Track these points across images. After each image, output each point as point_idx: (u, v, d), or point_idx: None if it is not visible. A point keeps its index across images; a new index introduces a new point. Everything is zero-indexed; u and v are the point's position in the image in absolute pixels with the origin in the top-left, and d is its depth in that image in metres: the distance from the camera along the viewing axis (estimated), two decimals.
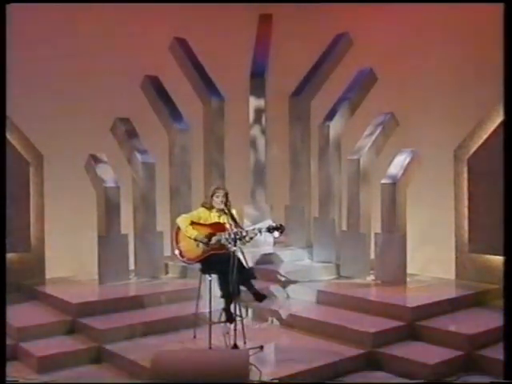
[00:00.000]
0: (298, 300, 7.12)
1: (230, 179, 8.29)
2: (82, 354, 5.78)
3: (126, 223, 7.73)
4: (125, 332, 6.08)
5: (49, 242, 7.73)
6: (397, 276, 7.21)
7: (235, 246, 5.53)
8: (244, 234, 5.62)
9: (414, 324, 6.06)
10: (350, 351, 5.67)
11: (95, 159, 7.68)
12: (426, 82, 8.23)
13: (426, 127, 8.12)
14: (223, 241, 5.71)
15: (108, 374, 5.53)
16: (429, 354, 5.54)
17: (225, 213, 5.80)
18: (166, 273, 7.99)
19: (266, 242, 8.46)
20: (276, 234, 5.74)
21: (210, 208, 5.90)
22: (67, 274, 7.85)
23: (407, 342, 5.92)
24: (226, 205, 5.82)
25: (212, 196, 5.89)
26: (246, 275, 5.71)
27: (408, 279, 7.29)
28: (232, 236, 5.59)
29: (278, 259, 8.14)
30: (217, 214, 5.89)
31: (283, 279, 7.43)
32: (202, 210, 5.93)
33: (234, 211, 5.87)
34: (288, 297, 7.26)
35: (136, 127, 7.99)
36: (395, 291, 6.91)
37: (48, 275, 7.66)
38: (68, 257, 8.09)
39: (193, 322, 6.07)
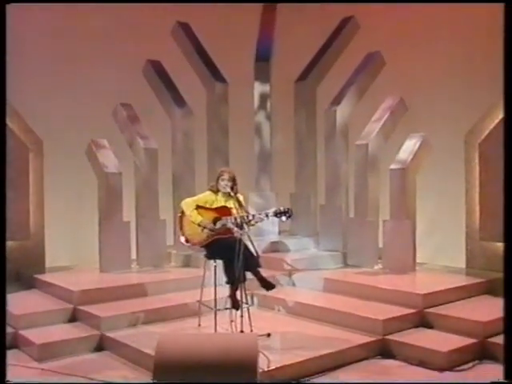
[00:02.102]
0: (305, 288, 6.96)
1: (234, 166, 7.95)
2: (84, 341, 5.64)
3: (128, 211, 7.56)
4: (127, 320, 5.93)
5: (49, 230, 7.53)
6: (406, 264, 7.04)
7: (241, 230, 5.34)
8: (250, 218, 5.42)
9: (424, 311, 5.89)
10: (360, 339, 5.50)
11: (96, 145, 7.49)
12: (436, 65, 8.06)
13: (436, 112, 7.94)
14: (229, 225, 5.51)
15: (110, 362, 5.39)
16: (441, 342, 5.37)
17: (230, 196, 5.61)
18: (169, 262, 7.82)
19: (271, 231, 8.29)
20: (283, 218, 5.49)
21: (217, 191, 5.71)
22: (67, 262, 7.70)
23: (418, 330, 5.77)
24: (232, 189, 5.62)
25: (218, 179, 5.69)
26: (252, 262, 5.49)
27: (417, 268, 7.14)
28: (238, 220, 5.41)
29: (284, 248, 7.98)
30: (223, 197, 5.70)
31: (289, 268, 7.26)
32: (208, 193, 5.75)
33: (241, 196, 5.66)
34: (294, 285, 7.10)
35: (138, 112, 7.82)
36: (404, 279, 6.76)
37: (48, 264, 7.46)
38: (68, 245, 7.96)
39: (197, 309, 5.88)
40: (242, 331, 5.30)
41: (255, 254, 5.34)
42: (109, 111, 7.84)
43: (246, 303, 5.61)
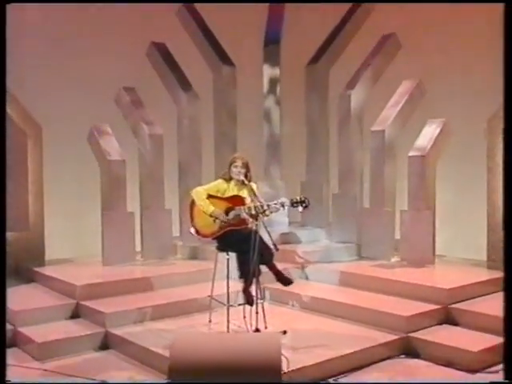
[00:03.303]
0: (319, 282, 6.62)
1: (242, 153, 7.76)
2: (87, 339, 5.32)
3: (132, 200, 7.26)
4: (133, 316, 5.62)
5: (48, 221, 7.18)
6: (424, 257, 6.72)
7: (256, 221, 4.98)
8: (265, 207, 5.06)
9: (449, 307, 5.56)
10: (383, 336, 5.17)
11: (98, 131, 7.17)
12: (455, 46, 7.69)
13: (456, 96, 7.56)
14: (243, 215, 5.17)
15: (115, 361, 5.09)
16: (470, 340, 5.04)
17: (244, 184, 5.25)
18: (175, 254, 7.53)
19: (281, 222, 7.94)
20: (300, 208, 5.16)
21: (229, 179, 5.35)
22: (68, 255, 7.38)
23: (443, 327, 5.45)
24: (245, 176, 5.27)
25: (230, 166, 5.33)
26: (268, 254, 5.18)
27: (435, 260, 6.81)
28: (253, 210, 5.05)
29: (295, 239, 7.64)
30: (235, 186, 5.34)
31: (301, 260, 6.92)
32: (220, 181, 5.38)
33: (254, 185, 5.31)
34: (307, 279, 6.76)
35: (142, 97, 7.50)
36: (424, 272, 6.45)
37: (48, 256, 7.12)
38: (69, 236, 7.67)
39: (207, 305, 5.59)
40: (257, 329, 4.95)
41: (273, 247, 4.99)
42: (111, 96, 7.51)
43: (261, 299, 5.26)
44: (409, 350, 5.13)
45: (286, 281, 5.27)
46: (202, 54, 8.12)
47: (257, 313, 5.03)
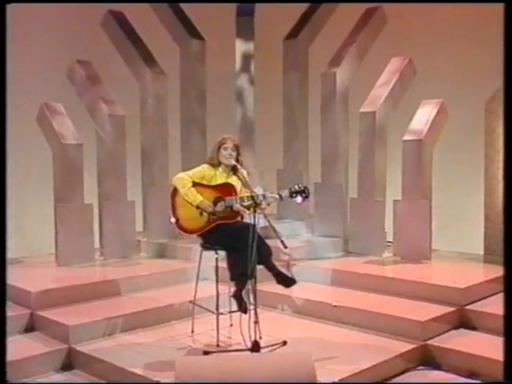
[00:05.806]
0: (309, 282, 5.86)
1: (212, 138, 6.97)
2: (47, 358, 4.51)
3: (90, 191, 6.49)
4: (101, 328, 4.80)
5: None
6: (421, 251, 6.12)
7: (255, 212, 4.24)
8: (261, 198, 4.33)
9: (464, 309, 4.96)
10: (398, 346, 4.50)
11: (50, 110, 6.29)
12: (450, 20, 7.15)
13: (451, 75, 7.03)
14: (236, 207, 4.48)
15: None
16: (497, 348, 4.39)
17: (235, 170, 4.57)
18: (138, 252, 6.75)
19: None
20: (299, 199, 4.50)
21: (217, 165, 4.60)
22: (15, 254, 6.43)
23: (461, 332, 4.85)
24: (237, 161, 4.58)
25: (218, 149, 4.58)
26: (266, 252, 4.48)
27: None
28: (246, 201, 4.37)
29: (273, 234, 6.86)
30: (224, 172, 4.61)
31: (287, 257, 6.17)
32: (206, 166, 4.62)
33: (244, 172, 4.63)
34: (293, 277, 6.01)
35: (99, 72, 6.67)
36: (426, 269, 5.85)
37: None
38: (16, 232, 6.68)
39: (186, 311, 4.96)
40: (255, 341, 4.15)
41: (281, 244, 4.23)
42: (63, 70, 6.68)
43: (254, 304, 4.48)
44: (427, 360, 4.51)
45: (288, 282, 4.59)
46: (167, 26, 7.40)
47: (256, 322, 4.23)
